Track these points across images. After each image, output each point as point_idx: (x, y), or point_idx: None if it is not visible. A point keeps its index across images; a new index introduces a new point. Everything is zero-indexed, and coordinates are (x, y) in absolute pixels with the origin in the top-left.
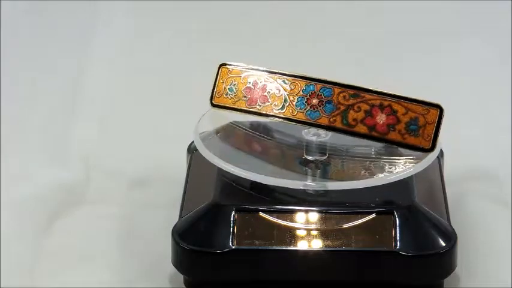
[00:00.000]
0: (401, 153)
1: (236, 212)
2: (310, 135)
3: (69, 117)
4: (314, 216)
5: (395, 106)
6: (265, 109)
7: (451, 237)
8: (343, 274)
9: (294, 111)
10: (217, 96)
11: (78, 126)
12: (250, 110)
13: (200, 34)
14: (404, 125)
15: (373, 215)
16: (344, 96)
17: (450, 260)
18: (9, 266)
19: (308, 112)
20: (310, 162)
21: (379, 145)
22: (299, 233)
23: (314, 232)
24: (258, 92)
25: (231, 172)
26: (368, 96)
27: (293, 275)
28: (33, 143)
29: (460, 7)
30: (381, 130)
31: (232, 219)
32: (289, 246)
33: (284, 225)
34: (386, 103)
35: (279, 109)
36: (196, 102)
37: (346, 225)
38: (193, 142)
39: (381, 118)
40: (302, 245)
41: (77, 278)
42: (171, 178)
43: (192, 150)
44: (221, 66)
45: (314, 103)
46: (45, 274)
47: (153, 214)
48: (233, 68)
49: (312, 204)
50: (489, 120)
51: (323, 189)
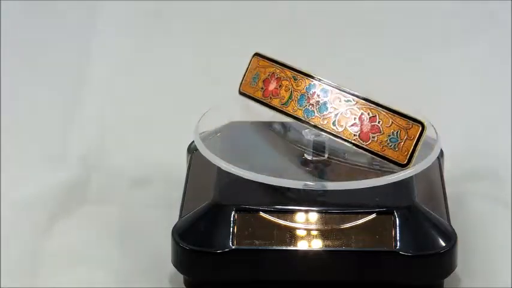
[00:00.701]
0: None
1: (236, 212)
2: (310, 135)
3: (69, 117)
4: (314, 216)
5: (381, 116)
6: (274, 102)
7: (451, 237)
8: (343, 274)
9: (295, 107)
10: (244, 84)
11: (78, 126)
12: (262, 101)
13: (200, 34)
14: (386, 137)
15: (373, 215)
16: (339, 99)
17: (450, 260)
18: (9, 266)
19: (305, 110)
20: (310, 162)
21: None
22: (299, 233)
23: (314, 232)
24: (273, 85)
25: (231, 172)
26: (360, 102)
27: (293, 275)
28: (33, 143)
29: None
30: (363, 138)
31: (232, 219)
32: (289, 246)
33: (284, 225)
34: (374, 112)
35: (283, 104)
36: (196, 102)
37: (346, 225)
38: (193, 142)
39: (366, 126)
40: (302, 245)
41: (77, 278)
42: (171, 178)
43: (192, 150)
44: (254, 55)
45: (312, 102)
46: (45, 274)
47: (153, 214)
48: (261, 59)
49: (312, 204)
50: (489, 120)
51: (323, 189)
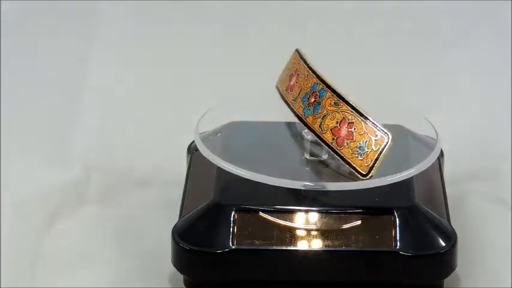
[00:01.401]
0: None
1: (236, 212)
2: (310, 135)
3: (69, 117)
4: (314, 216)
5: (357, 123)
6: (288, 97)
7: (451, 237)
8: (343, 274)
9: (300, 104)
10: (279, 78)
11: (78, 126)
12: (282, 95)
13: (201, 34)
14: (356, 144)
15: (373, 215)
16: (330, 102)
17: (450, 260)
18: (9, 266)
19: (304, 109)
20: (310, 162)
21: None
22: (299, 233)
23: (314, 232)
24: (293, 80)
25: (231, 172)
26: (344, 107)
27: (293, 275)
28: (33, 143)
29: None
30: (339, 143)
31: (232, 219)
32: (289, 246)
33: (284, 225)
34: (353, 118)
35: (294, 99)
36: (196, 102)
37: (346, 225)
38: (193, 142)
39: (344, 131)
40: (302, 245)
41: (77, 278)
42: (171, 178)
43: (192, 150)
44: (295, 51)
45: (311, 101)
46: (45, 274)
47: (153, 214)
48: (295, 55)
49: (312, 204)
50: (489, 120)
51: (322, 189)
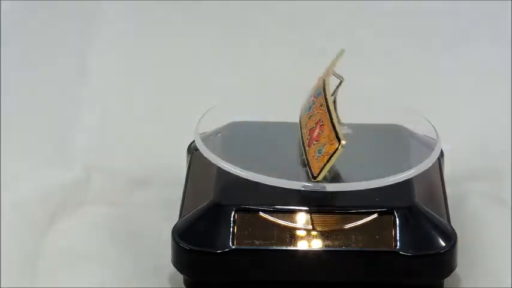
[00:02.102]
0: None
1: (236, 212)
2: None
3: (69, 117)
4: (314, 216)
5: (325, 126)
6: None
7: (451, 237)
8: (343, 274)
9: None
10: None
11: (78, 126)
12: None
13: (201, 34)
14: (318, 147)
15: (373, 215)
16: (320, 102)
17: (450, 260)
18: (9, 266)
19: (305, 107)
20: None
21: (379, 146)
22: (299, 233)
23: (314, 232)
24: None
25: (231, 172)
26: (323, 109)
27: (293, 275)
28: (33, 143)
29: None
30: (309, 144)
31: (232, 219)
32: (289, 246)
33: (284, 225)
34: (325, 121)
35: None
36: (196, 102)
37: (346, 225)
38: (193, 142)
39: (316, 133)
40: (302, 245)
41: (77, 278)
42: (171, 178)
43: (192, 150)
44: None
45: (310, 100)
46: (45, 274)
47: (153, 214)
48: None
49: (312, 204)
50: (489, 120)
51: (322, 190)
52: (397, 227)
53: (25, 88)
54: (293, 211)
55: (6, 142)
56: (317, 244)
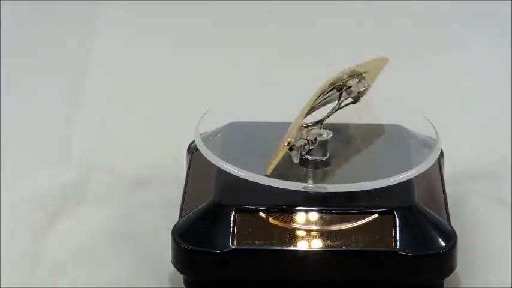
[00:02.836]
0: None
1: (236, 212)
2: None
3: (69, 117)
4: (314, 216)
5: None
6: None
7: (451, 237)
8: (343, 274)
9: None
10: None
11: (78, 126)
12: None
13: (201, 34)
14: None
15: (373, 215)
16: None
17: (450, 260)
18: (9, 266)
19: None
20: (310, 162)
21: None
22: (299, 233)
23: (314, 232)
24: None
25: (231, 172)
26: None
27: (293, 275)
28: (33, 143)
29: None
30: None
31: (232, 219)
32: (289, 246)
33: (284, 225)
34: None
35: None
36: (196, 102)
37: (346, 225)
38: (193, 142)
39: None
40: (302, 245)
41: (77, 278)
42: (171, 178)
43: (192, 150)
44: None
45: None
46: (44, 274)
47: (153, 214)
48: None
49: (312, 204)
50: (489, 120)
51: (322, 191)
52: (397, 227)
53: (25, 88)
54: (293, 211)
55: (6, 142)
56: (317, 244)
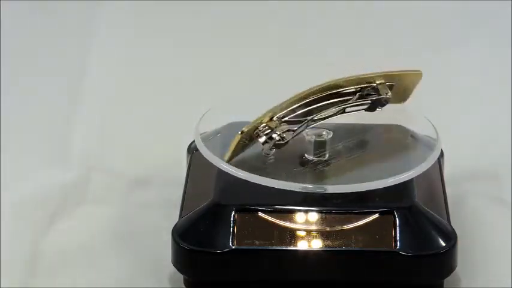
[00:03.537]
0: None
1: (236, 212)
2: (311, 135)
3: (69, 117)
4: (314, 216)
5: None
6: None
7: (451, 237)
8: (343, 274)
9: None
10: None
11: (78, 126)
12: None
13: (201, 34)
14: None
15: (373, 215)
16: None
17: (450, 260)
18: (9, 266)
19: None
20: (310, 162)
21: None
22: (299, 233)
23: (314, 232)
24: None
25: (231, 173)
26: None
27: (293, 275)
28: (33, 143)
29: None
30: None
31: (232, 219)
32: (289, 246)
33: (284, 225)
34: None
35: None
36: (196, 102)
37: (346, 225)
38: (193, 142)
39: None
40: (302, 245)
41: (77, 278)
42: (171, 178)
43: (192, 150)
44: None
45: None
46: (45, 274)
47: (153, 214)
48: None
49: (312, 204)
50: (489, 120)
51: (323, 191)
52: (397, 227)
53: (25, 88)
54: (293, 211)
55: (6, 142)
56: (317, 244)
